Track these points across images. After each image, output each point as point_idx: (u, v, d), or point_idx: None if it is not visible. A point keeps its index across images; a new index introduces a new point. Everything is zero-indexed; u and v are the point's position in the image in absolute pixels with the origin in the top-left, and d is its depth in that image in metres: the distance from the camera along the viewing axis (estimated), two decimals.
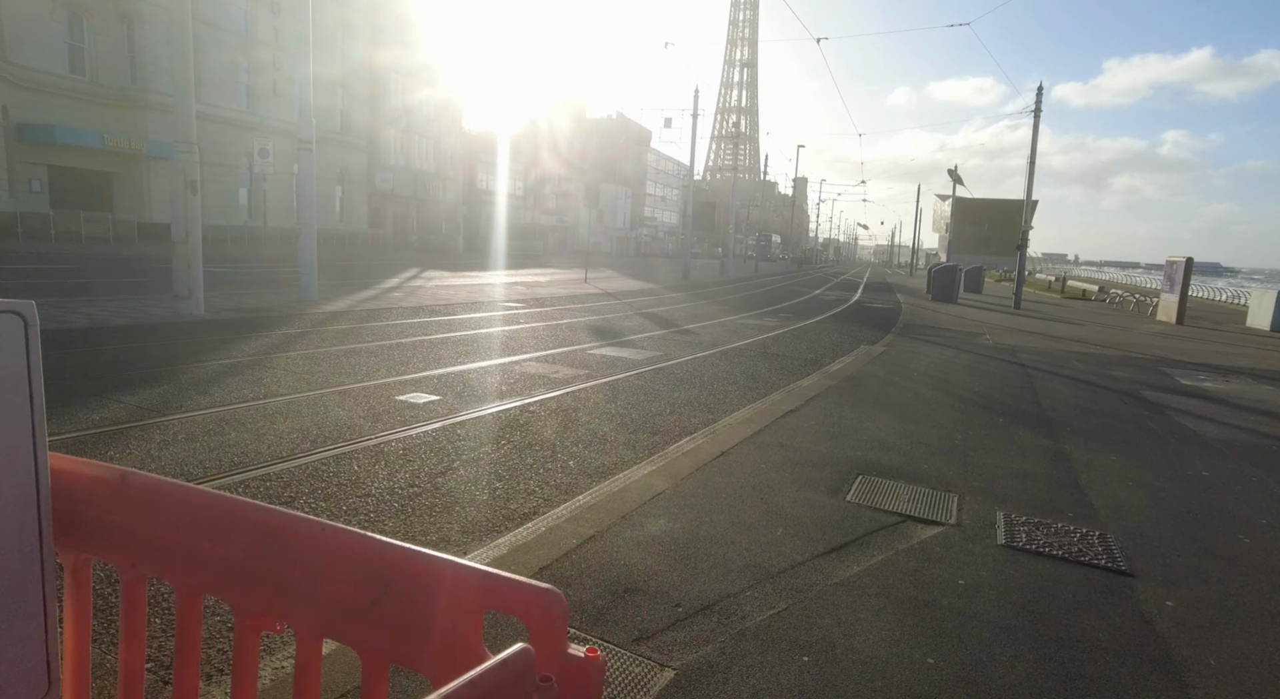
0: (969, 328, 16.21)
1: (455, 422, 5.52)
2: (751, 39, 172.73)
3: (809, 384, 8.00)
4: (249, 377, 6.59)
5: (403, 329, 10.30)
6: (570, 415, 6.00)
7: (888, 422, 6.42)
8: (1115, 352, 13.25)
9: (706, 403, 6.88)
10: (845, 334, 13.75)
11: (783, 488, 4.45)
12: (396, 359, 7.91)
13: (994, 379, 9.17)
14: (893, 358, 10.45)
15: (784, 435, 5.70)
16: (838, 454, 5.29)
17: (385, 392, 6.35)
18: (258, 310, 11.15)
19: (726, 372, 8.64)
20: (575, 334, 11.00)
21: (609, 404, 6.50)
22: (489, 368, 7.78)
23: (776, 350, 10.80)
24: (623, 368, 8.36)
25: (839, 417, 6.47)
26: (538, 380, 7.32)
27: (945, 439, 5.96)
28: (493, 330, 10.79)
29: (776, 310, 18.48)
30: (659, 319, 14.08)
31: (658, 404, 6.68)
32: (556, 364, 8.30)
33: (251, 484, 3.98)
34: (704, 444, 5.31)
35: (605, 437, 5.45)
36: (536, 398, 6.51)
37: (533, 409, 6.11)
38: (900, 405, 7.18)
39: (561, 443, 5.21)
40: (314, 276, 13.06)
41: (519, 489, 4.23)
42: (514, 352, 8.97)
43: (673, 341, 10.92)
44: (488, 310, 13.44)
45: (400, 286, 17.44)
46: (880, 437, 5.88)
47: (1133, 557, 3.77)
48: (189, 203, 9.95)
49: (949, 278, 26.78)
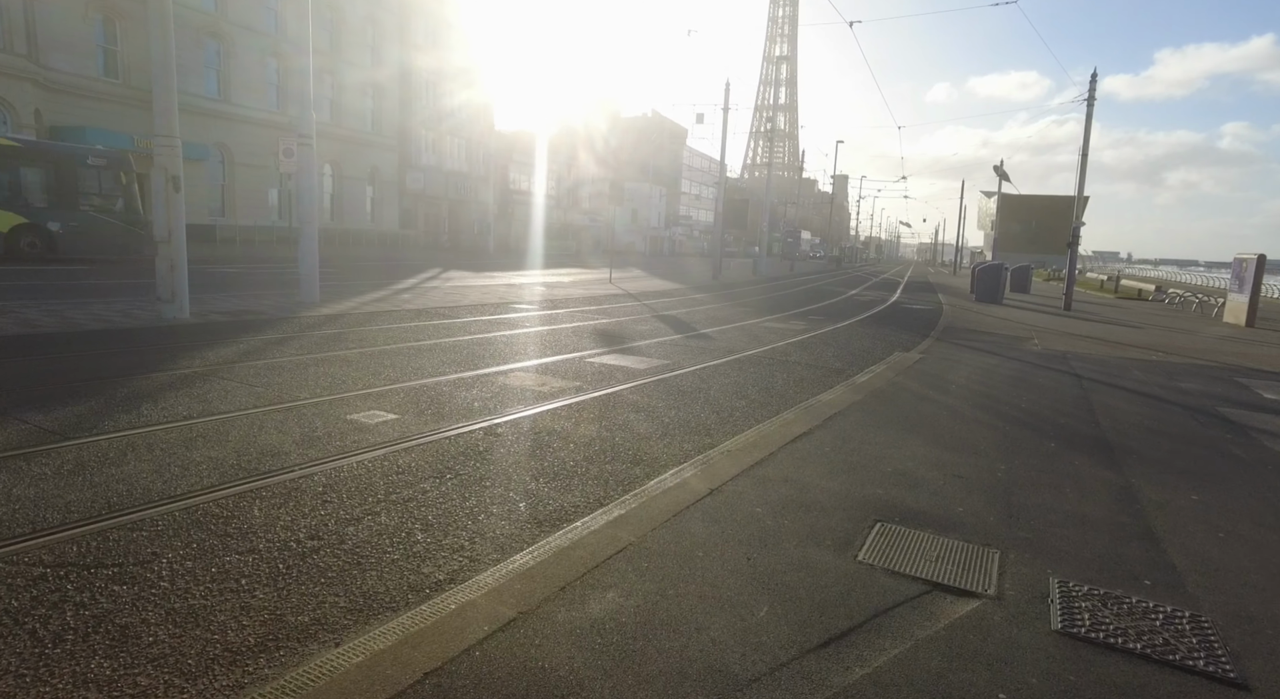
0: (1015, 331, 15.00)
1: (402, 448, 4.75)
2: (791, 36, 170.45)
3: (830, 399, 7.06)
4: (194, 390, 5.93)
5: (393, 334, 9.62)
6: (541, 440, 5.19)
7: (917, 447, 5.48)
8: (1181, 359, 11.98)
9: (706, 424, 6.01)
10: (878, 339, 12.71)
11: (779, 541, 3.57)
12: (370, 369, 7.21)
13: (1043, 393, 8.10)
14: (929, 367, 9.42)
15: (791, 467, 4.81)
16: (854, 493, 4.38)
17: (338, 409, 5.62)
18: (248, 314, 10.59)
19: (737, 384, 7.75)
20: (579, 340, 10.20)
21: (591, 425, 5.67)
22: (469, 379, 7.01)
23: (798, 359, 9.85)
24: (620, 379, 7.52)
25: (860, 441, 5.55)
26: (519, 394, 6.53)
27: (985, 471, 5.00)
28: (491, 335, 10.05)
29: (806, 312, 17.45)
30: (676, 322, 13.21)
31: (649, 424, 5.83)
32: (547, 375, 7.50)
33: (113, 534, 3.25)
34: (692, 478, 4.45)
35: (574, 468, 4.63)
36: (509, 417, 5.71)
37: (500, 431, 5.31)
38: (933, 426, 6.21)
39: (519, 477, 4.40)
40: (315, 278, 12.51)
41: (444, 544, 3.43)
42: (504, 360, 8.20)
43: (684, 348, 10.05)
44: (494, 313, 12.73)
45: (415, 287, 16.87)
46: (907, 468, 4.95)
47: (1241, 654, 2.81)
48: (171, 200, 9.41)
49: (994, 277, 25.36)
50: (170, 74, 9.41)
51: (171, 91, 9.41)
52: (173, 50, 9.43)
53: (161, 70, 9.32)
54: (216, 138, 30.84)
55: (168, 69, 9.37)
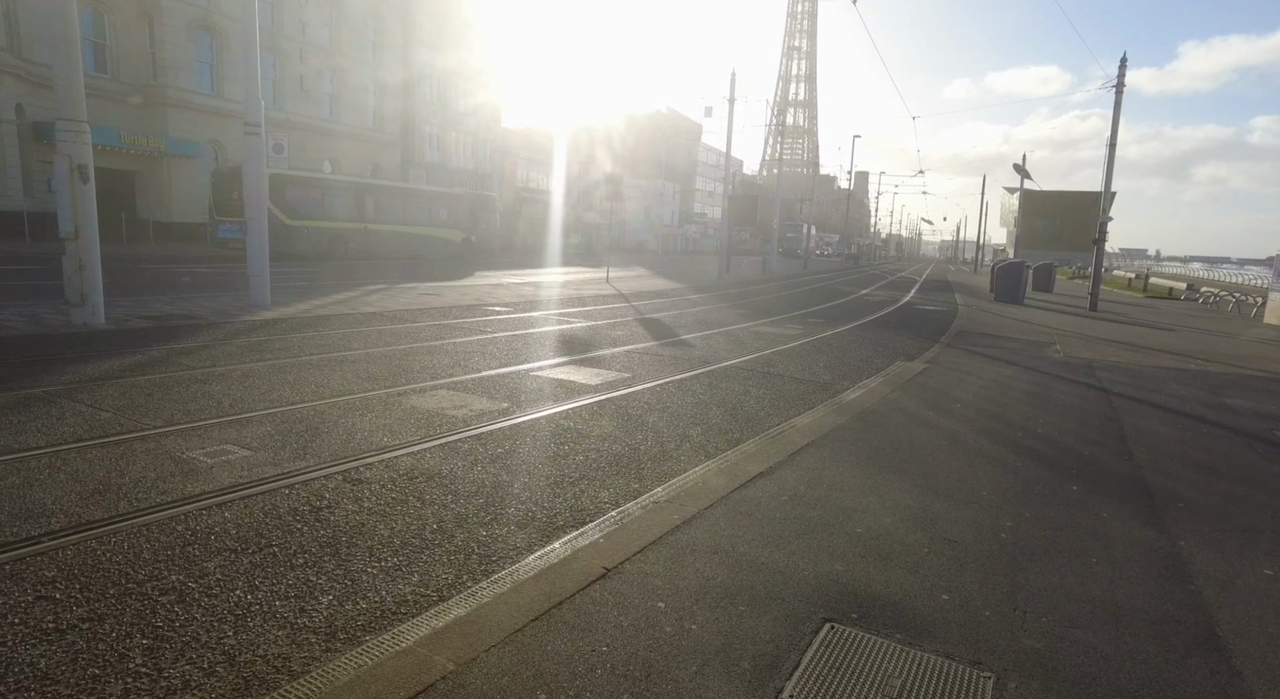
0: (1035, 335, 13.69)
1: (220, 502, 3.67)
2: (810, 31, 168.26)
3: (806, 424, 5.90)
4: (20, 416, 4.90)
5: (325, 343, 8.59)
6: (414, 488, 4.09)
7: (902, 494, 4.32)
8: (1223, 367, 10.65)
9: (641, 461, 4.88)
10: (880, 346, 11.48)
11: (670, 669, 2.45)
12: (264, 387, 6.15)
13: (1065, 413, 6.88)
14: (932, 380, 8.21)
15: (728, 528, 3.68)
16: (803, 571, 3.24)
17: (183, 442, 4.57)
18: (179, 318, 9.62)
19: (700, 404, 6.60)
20: (537, 348, 9.11)
21: (488, 466, 4.56)
22: (375, 400, 5.94)
23: (783, 370, 8.67)
24: (561, 398, 6.41)
25: (830, 485, 4.40)
26: (427, 419, 5.44)
27: (985, 530, 3.84)
28: (438, 343, 8.98)
29: (807, 314, 16.22)
30: (658, 327, 12.07)
31: (568, 463, 4.71)
32: (473, 393, 6.40)
33: None
34: (587, 549, 3.33)
35: (429, 537, 3.52)
36: (388, 454, 4.62)
37: (365, 475, 4.22)
38: (926, 462, 5.04)
39: (346, 552, 3.30)
40: (265, 279, 11.52)
41: (162, 686, 2.34)
42: (434, 374, 7.11)
43: (654, 358, 8.92)
44: (460, 317, 11.67)
45: (388, 289, 15.87)
46: (883, 528, 3.79)
47: None
48: (78, 192, 8.46)
49: (1014, 276, 23.91)
50: (76, 54, 8.51)
51: (77, 72, 8.50)
52: (76, 28, 8.54)
53: (66, 50, 8.41)
54: (210, 134, 30.13)
55: (73, 48, 8.49)
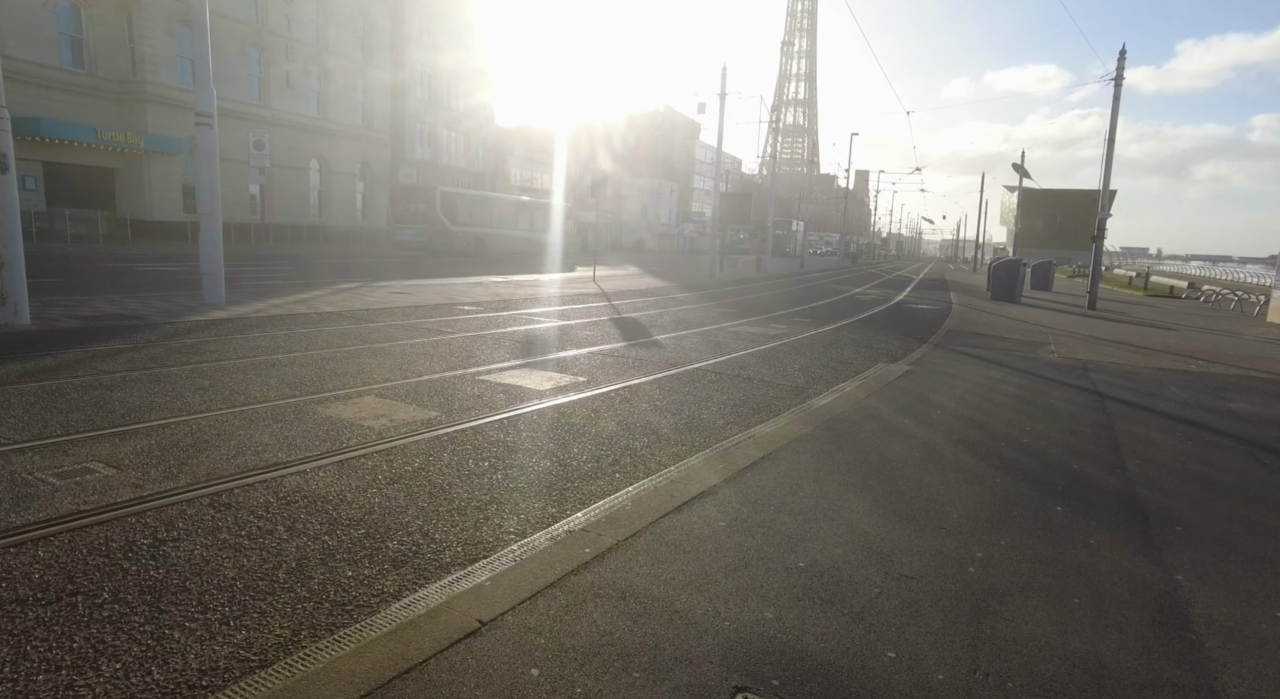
0: (1030, 335, 13.12)
1: (14, 541, 3.12)
2: (810, 30, 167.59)
3: (767, 434, 5.34)
4: None
5: (266, 345, 8.03)
6: (287, 515, 3.53)
7: (859, 516, 3.76)
8: (1226, 368, 10.08)
9: (569, 479, 4.32)
10: (864, 346, 10.92)
11: None
12: (172, 394, 5.60)
13: (1054, 420, 6.32)
14: (914, 384, 7.65)
15: (647, 563, 3.12)
16: (723, 620, 2.69)
17: (40, 461, 4.01)
18: (116, 318, 9.07)
19: (654, 411, 6.05)
20: (494, 350, 8.55)
21: (389, 487, 4.00)
22: (287, 408, 5.38)
23: (756, 373, 8.11)
24: (501, 405, 5.85)
25: (778, 507, 3.84)
26: (336, 432, 4.88)
27: (951, 563, 3.28)
28: (387, 345, 8.43)
29: (794, 314, 15.65)
30: (633, 327, 11.51)
31: (481, 484, 4.15)
32: (404, 400, 5.84)
33: None
34: (467, 595, 2.78)
35: (281, 579, 2.96)
36: (283, 471, 4.06)
37: (237, 499, 3.66)
38: (894, 478, 4.48)
39: (171, 600, 2.74)
40: (219, 277, 10.97)
41: None
42: (367, 379, 6.55)
43: (618, 360, 8.36)
44: (424, 316, 11.12)
45: (359, 288, 15.33)
46: (831, 559, 3.23)
47: None
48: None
49: (1011, 274, 23.33)
50: None
51: None
52: None
53: None
54: (191, 131, 29.44)
55: None
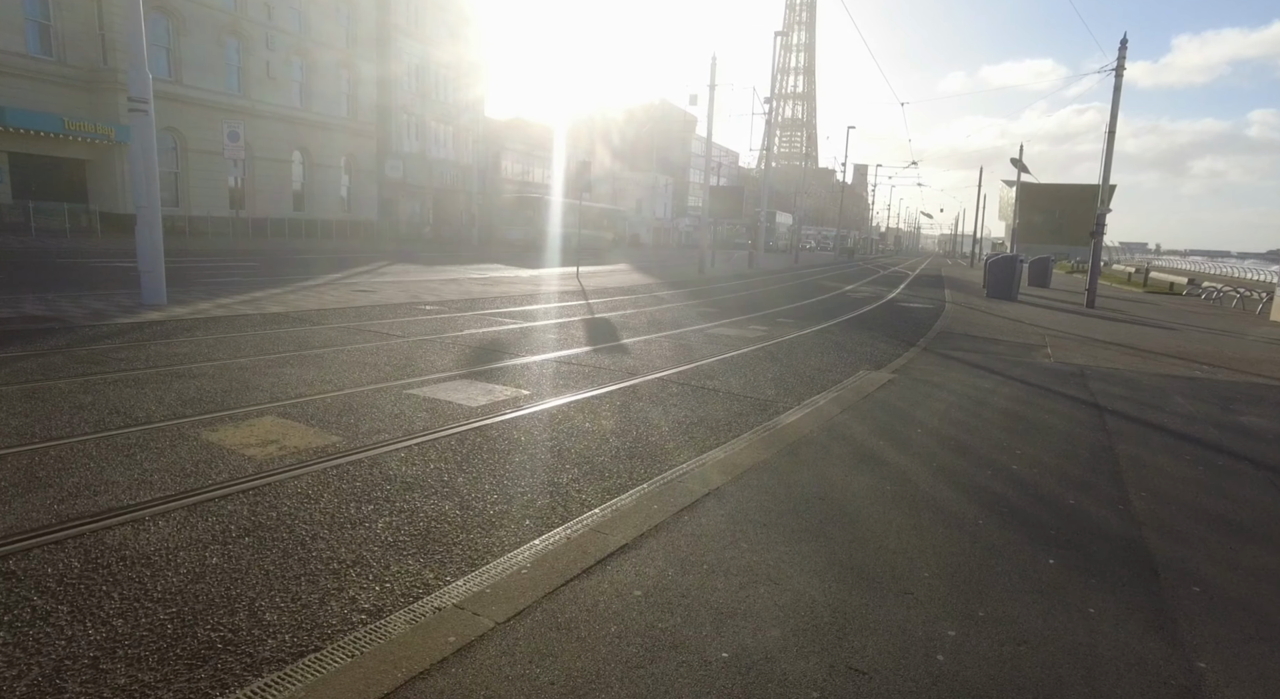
0: (1025, 337, 12.43)
1: None
2: (809, 23, 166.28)
3: (719, 461, 4.65)
4: None
5: (186, 352, 7.31)
6: (71, 590, 2.82)
7: (807, 580, 3.07)
8: (1233, 374, 9.39)
9: (463, 530, 3.62)
10: (847, 351, 10.22)
11: None
12: (37, 414, 4.89)
13: (1049, 441, 5.62)
14: (894, 397, 6.95)
15: (524, 657, 2.41)
16: None
17: None
18: (32, 320, 8.36)
19: (596, 433, 5.34)
20: (438, 356, 7.84)
21: (235, 544, 3.30)
22: (163, 432, 4.66)
23: (721, 383, 7.41)
24: (416, 429, 5.14)
25: (709, 567, 3.14)
26: (207, 463, 4.17)
27: (914, 646, 2.57)
28: (322, 352, 7.72)
29: (778, 314, 14.94)
30: (602, 329, 10.80)
31: (351, 537, 3.45)
32: (306, 422, 5.13)
33: None
34: None
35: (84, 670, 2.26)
36: (113, 520, 3.36)
37: (21, 566, 2.96)
38: (856, 520, 3.79)
39: None
40: (159, 275, 10.26)
41: None
42: (278, 394, 5.83)
43: (572, 369, 7.66)
44: (375, 318, 10.40)
45: (327, 284, 14.61)
46: (761, 649, 2.53)
47: None
48: None
49: (1007, 271, 22.63)
50: None
51: None
52: None
53: None
54: (166, 121, 28.71)
55: None
